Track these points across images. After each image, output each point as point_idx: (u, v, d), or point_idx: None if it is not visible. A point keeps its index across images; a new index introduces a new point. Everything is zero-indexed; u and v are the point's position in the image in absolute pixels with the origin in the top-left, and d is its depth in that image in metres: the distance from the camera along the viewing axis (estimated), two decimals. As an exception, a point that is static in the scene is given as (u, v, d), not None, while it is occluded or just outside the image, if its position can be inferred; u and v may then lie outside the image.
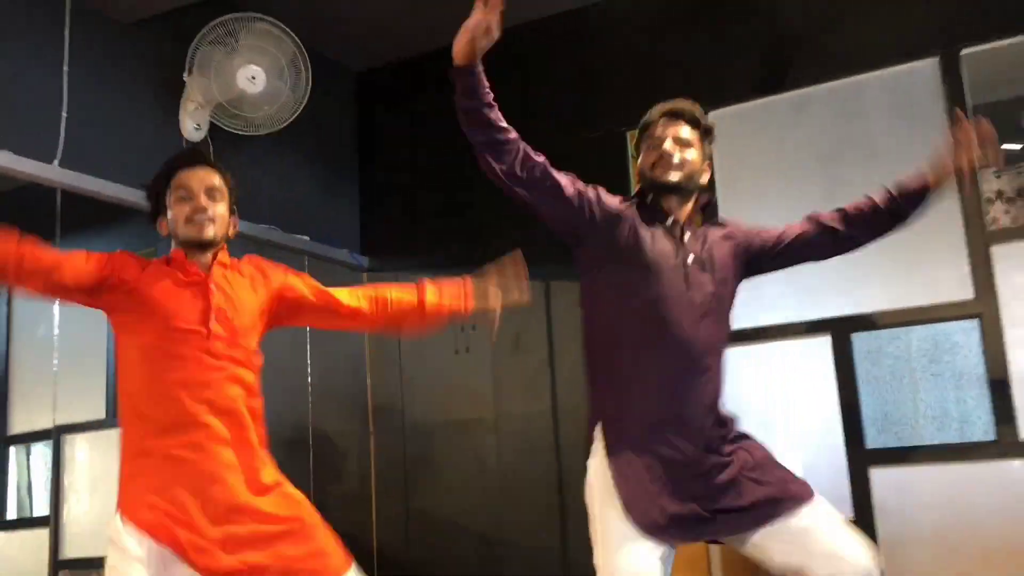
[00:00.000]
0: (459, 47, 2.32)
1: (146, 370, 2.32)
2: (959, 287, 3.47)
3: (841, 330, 3.62)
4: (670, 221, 2.49)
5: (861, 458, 3.53)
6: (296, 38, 3.80)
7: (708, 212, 2.78)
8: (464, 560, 4.41)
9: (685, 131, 2.52)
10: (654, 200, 2.52)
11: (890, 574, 3.34)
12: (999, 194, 3.74)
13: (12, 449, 5.71)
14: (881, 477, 3.49)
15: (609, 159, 4.28)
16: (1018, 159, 4.23)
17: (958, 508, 3.37)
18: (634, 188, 4.12)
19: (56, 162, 3.35)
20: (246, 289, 2.47)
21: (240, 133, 3.88)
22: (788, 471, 2.44)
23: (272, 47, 3.73)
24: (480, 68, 2.40)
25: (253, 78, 3.67)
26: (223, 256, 2.46)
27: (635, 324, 2.43)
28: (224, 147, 3.97)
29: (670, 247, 2.46)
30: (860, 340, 3.64)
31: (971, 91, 3.59)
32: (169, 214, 2.42)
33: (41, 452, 5.84)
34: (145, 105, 3.75)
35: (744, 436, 2.47)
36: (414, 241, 4.80)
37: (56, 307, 5.47)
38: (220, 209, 2.44)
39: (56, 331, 5.31)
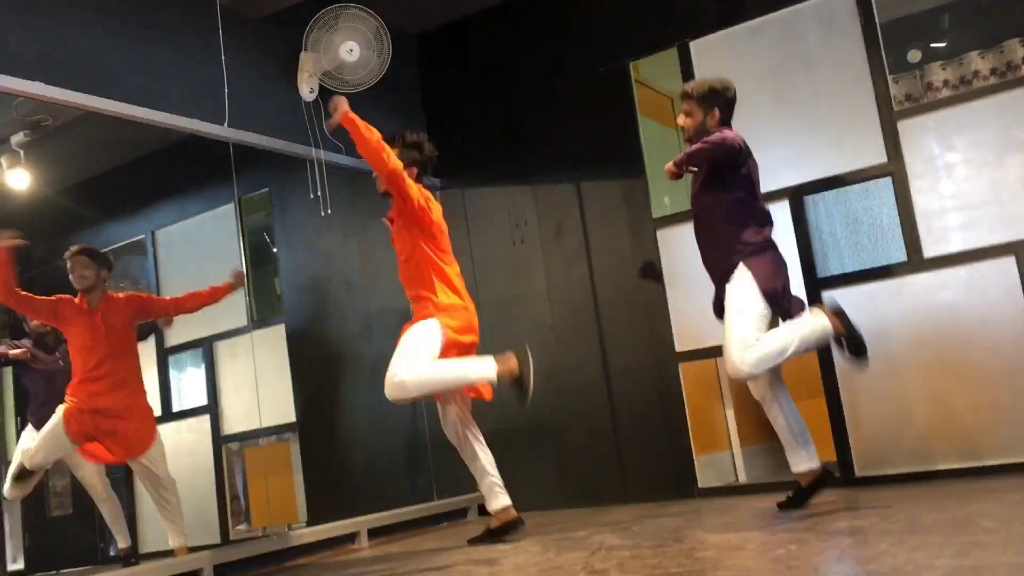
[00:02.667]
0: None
1: None
2: (875, 154, 4.59)
3: (795, 194, 4.79)
4: None
5: (815, 284, 4.71)
6: (378, 17, 5.01)
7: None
8: (535, 399, 5.32)
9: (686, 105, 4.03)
10: None
11: (839, 361, 4.60)
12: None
13: (170, 358, 6.88)
14: (829, 297, 4.56)
15: (616, 89, 5.36)
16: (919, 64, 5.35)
17: (882, 312, 4.54)
18: (639, 115, 5.30)
19: (225, 123, 4.64)
20: None
21: (342, 92, 5.10)
22: None
23: (362, 25, 4.93)
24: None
25: (351, 50, 4.90)
26: None
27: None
28: (330, 104, 5.17)
29: None
30: (809, 200, 4.82)
31: (879, 10, 4.64)
32: None
33: (190, 358, 6.93)
34: (277, 79, 4.96)
35: None
36: (472, 164, 5.82)
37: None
38: None
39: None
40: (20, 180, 5.78)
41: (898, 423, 4.49)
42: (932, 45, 5.53)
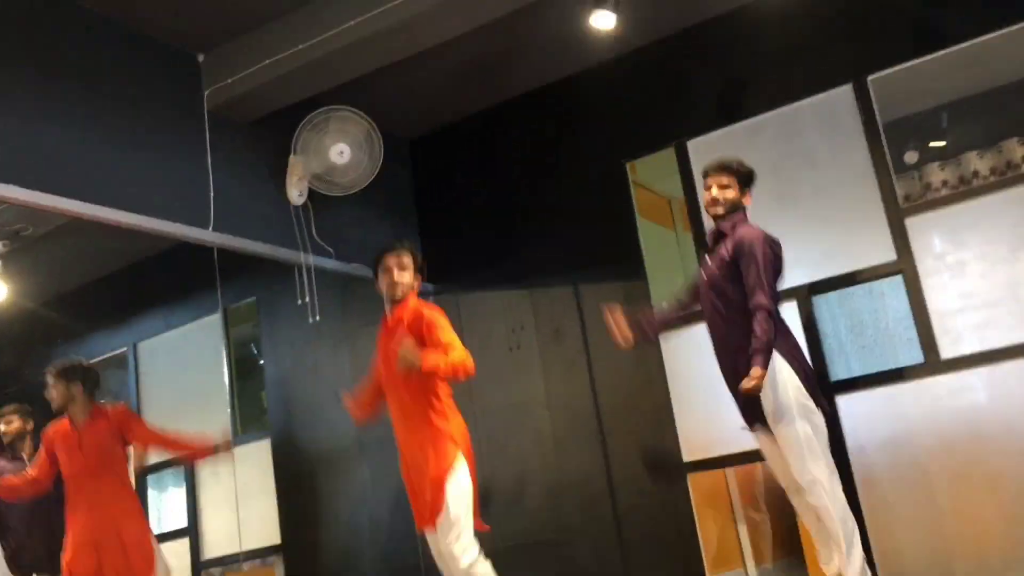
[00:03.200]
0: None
1: None
2: (884, 252, 4.44)
3: (803, 295, 4.61)
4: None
5: (827, 388, 4.45)
6: (368, 118, 4.93)
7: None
8: (533, 512, 5.24)
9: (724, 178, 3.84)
10: None
11: (858, 469, 4.38)
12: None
13: (149, 477, 6.62)
14: (844, 400, 4.44)
15: (613, 190, 5.26)
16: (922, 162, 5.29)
17: (902, 416, 4.32)
18: (638, 211, 5.21)
19: (211, 227, 4.47)
20: None
21: (332, 195, 4.99)
22: None
23: (352, 128, 4.85)
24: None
25: (341, 152, 4.80)
26: None
27: None
28: (319, 207, 5.05)
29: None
30: (818, 300, 4.64)
31: (880, 109, 4.56)
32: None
33: (171, 478, 6.68)
34: (265, 182, 4.83)
35: None
36: (466, 268, 5.69)
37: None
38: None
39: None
40: (-2, 291, 5.61)
41: (924, 536, 4.21)
42: (931, 144, 5.49)
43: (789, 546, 4.84)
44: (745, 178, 3.84)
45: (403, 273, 3.85)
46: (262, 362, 6.34)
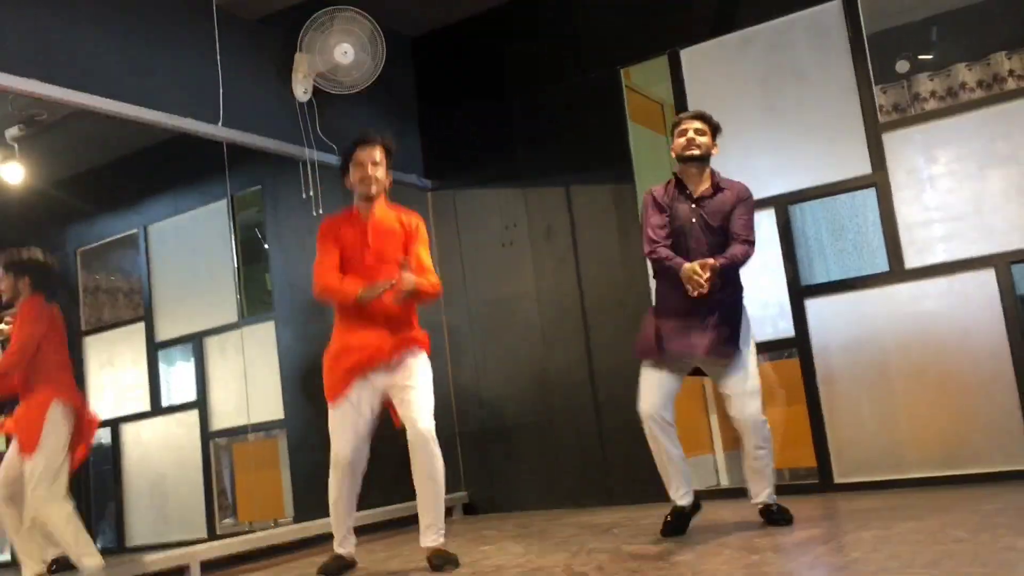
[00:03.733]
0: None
1: None
2: (860, 165, 4.66)
3: (781, 203, 4.85)
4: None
5: (799, 292, 4.78)
6: (372, 19, 5.06)
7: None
8: (522, 397, 5.58)
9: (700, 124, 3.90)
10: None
11: (821, 368, 4.71)
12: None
13: (160, 352, 6.90)
14: (812, 304, 4.75)
15: (607, 94, 5.40)
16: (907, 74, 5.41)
17: (864, 321, 4.63)
18: (629, 116, 5.35)
19: (220, 123, 4.68)
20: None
21: (336, 93, 5.16)
22: None
23: (356, 28, 4.98)
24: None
25: (345, 52, 4.95)
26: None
27: None
28: (324, 104, 5.22)
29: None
30: (795, 208, 4.89)
31: (867, 21, 4.70)
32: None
33: (180, 352, 6.94)
34: (271, 79, 5.01)
35: None
36: (463, 165, 5.89)
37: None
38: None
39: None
40: (14, 174, 5.80)
41: (877, 431, 4.57)
42: (920, 57, 5.60)
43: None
44: (715, 128, 3.97)
45: (377, 167, 3.73)
46: (267, 247, 6.56)
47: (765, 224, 4.84)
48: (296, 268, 6.36)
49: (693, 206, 3.86)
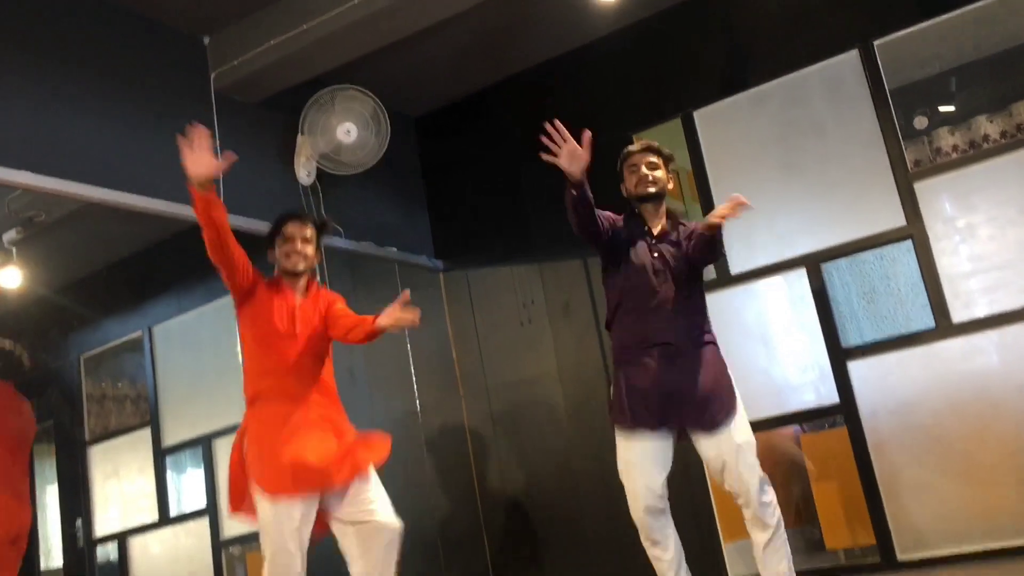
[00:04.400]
0: (570, 172, 3.45)
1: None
2: (893, 217, 4.43)
3: (813, 261, 4.59)
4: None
5: (840, 354, 4.48)
6: (374, 96, 4.94)
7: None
8: (547, 485, 5.29)
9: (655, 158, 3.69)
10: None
11: (871, 435, 4.40)
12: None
13: (168, 458, 6.66)
14: (855, 366, 4.44)
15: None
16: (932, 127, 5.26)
17: (913, 381, 4.32)
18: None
19: (219, 209, 4.50)
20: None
21: (340, 174, 5.01)
22: None
23: (358, 106, 4.86)
24: (585, 182, 3.45)
25: (348, 131, 4.81)
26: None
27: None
28: (328, 186, 5.08)
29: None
30: (827, 267, 4.62)
31: (887, 75, 4.54)
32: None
33: (189, 457, 6.70)
34: (273, 163, 4.86)
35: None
36: (475, 243, 5.72)
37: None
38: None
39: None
40: (11, 278, 5.65)
41: (939, 500, 4.22)
42: (940, 109, 5.45)
43: (805, 514, 4.85)
44: (668, 159, 3.78)
45: (307, 245, 3.64)
46: (275, 343, 6.37)
47: (796, 284, 4.64)
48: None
49: (653, 242, 3.63)
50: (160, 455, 6.43)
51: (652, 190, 3.65)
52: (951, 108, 5.56)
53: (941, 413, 4.27)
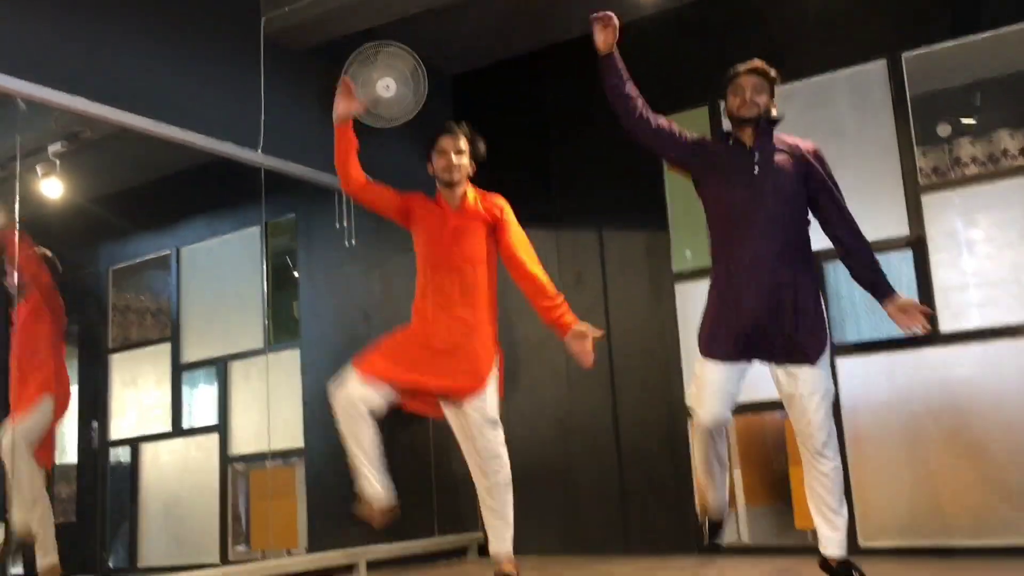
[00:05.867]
0: (598, 41, 3.52)
1: None
2: (898, 225, 4.63)
3: (816, 260, 4.78)
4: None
5: (831, 351, 4.66)
6: (416, 56, 5.11)
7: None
8: (544, 442, 5.54)
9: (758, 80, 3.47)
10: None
11: (849, 428, 4.62)
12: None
13: (184, 374, 6.93)
14: (843, 363, 4.67)
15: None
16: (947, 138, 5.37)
17: (896, 383, 4.55)
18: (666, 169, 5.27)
19: (259, 149, 4.72)
20: None
21: (376, 127, 5.19)
22: None
23: (400, 63, 5.03)
24: (616, 53, 3.53)
25: (388, 87, 4.99)
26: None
27: None
28: (362, 137, 5.24)
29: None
30: (828, 266, 4.80)
31: (912, 83, 4.70)
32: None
33: (204, 376, 6.96)
34: (313, 109, 5.03)
35: None
36: (499, 204, 5.94)
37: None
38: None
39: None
40: (54, 188, 5.87)
41: (904, 496, 4.48)
42: (963, 121, 5.57)
43: (779, 492, 5.09)
44: (773, 82, 3.54)
45: (460, 156, 3.78)
46: (297, 275, 6.60)
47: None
48: (325, 297, 6.39)
49: (753, 155, 3.42)
50: (178, 370, 6.66)
51: (754, 112, 3.45)
52: (972, 120, 5.68)
53: (918, 416, 4.50)
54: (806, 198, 3.48)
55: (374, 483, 3.48)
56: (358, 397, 3.50)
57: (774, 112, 3.52)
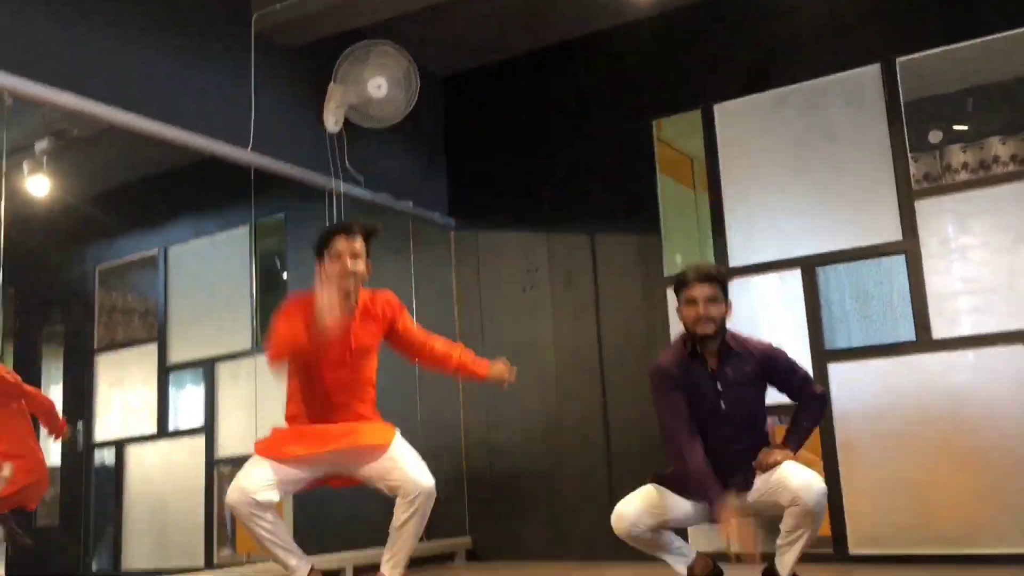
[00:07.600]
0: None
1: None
2: (890, 231, 4.61)
3: (808, 264, 4.79)
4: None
5: (822, 356, 4.69)
6: (408, 56, 5.07)
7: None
8: (531, 445, 5.50)
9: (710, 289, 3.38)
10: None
11: (841, 434, 4.60)
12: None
13: (171, 375, 6.85)
14: (835, 368, 4.66)
15: (638, 145, 5.38)
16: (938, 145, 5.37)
17: (888, 389, 4.53)
18: (659, 166, 5.27)
19: (249, 147, 4.67)
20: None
21: (366, 127, 5.15)
22: None
23: (391, 63, 4.99)
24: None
25: (379, 87, 4.95)
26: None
27: None
28: (353, 136, 5.22)
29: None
30: (820, 271, 4.80)
31: (905, 89, 4.69)
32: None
33: (191, 377, 6.88)
34: (303, 108, 5.01)
35: None
36: (488, 206, 5.87)
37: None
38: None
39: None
40: (40, 186, 5.81)
41: (896, 503, 4.45)
42: (955, 127, 5.56)
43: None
44: (726, 285, 3.47)
45: (357, 261, 3.39)
46: (285, 276, 6.54)
47: (791, 284, 4.82)
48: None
49: (716, 383, 3.43)
50: (164, 371, 6.57)
51: (711, 330, 3.38)
52: (964, 127, 5.67)
53: (910, 422, 4.48)
54: (764, 391, 3.54)
55: (290, 560, 3.45)
56: (252, 491, 3.32)
57: (728, 320, 3.47)
